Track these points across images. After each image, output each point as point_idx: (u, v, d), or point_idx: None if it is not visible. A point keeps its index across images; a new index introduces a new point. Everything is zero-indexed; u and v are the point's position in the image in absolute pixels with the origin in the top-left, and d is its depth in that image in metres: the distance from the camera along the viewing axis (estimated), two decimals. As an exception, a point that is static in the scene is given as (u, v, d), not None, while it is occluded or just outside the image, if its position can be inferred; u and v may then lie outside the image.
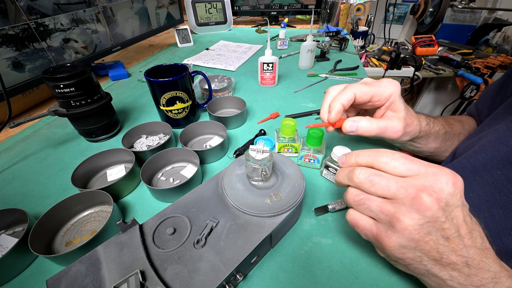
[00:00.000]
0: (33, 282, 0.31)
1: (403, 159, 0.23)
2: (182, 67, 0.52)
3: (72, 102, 0.45)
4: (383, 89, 0.31)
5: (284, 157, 0.37)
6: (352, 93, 0.31)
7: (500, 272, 0.22)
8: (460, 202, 0.21)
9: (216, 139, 0.51)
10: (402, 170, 0.22)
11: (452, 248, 0.21)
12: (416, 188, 0.21)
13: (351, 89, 0.31)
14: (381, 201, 0.23)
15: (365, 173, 0.23)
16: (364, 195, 0.23)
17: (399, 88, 0.32)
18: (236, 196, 0.31)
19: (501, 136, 0.32)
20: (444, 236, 0.21)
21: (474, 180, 0.34)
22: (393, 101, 0.32)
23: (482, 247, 0.22)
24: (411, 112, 0.35)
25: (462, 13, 1.42)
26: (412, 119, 0.34)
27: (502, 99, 0.41)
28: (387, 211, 0.22)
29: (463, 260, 0.21)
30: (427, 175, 0.21)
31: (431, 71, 1.32)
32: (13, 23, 0.52)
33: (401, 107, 0.32)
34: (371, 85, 0.32)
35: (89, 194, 0.37)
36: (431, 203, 0.20)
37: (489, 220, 0.31)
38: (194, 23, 1.19)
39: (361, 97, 0.31)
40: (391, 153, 0.23)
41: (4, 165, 0.48)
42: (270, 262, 0.31)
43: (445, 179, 0.21)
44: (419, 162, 0.22)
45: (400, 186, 0.21)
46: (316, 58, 0.88)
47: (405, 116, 0.33)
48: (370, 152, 0.25)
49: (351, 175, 0.24)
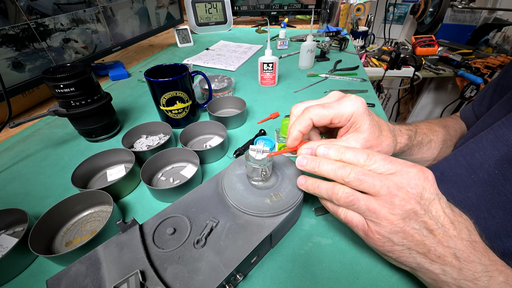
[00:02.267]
0: (33, 282, 0.31)
1: (382, 161, 0.25)
2: (182, 67, 0.52)
3: (72, 102, 0.45)
4: (343, 110, 0.29)
5: (284, 157, 0.37)
6: (309, 119, 0.29)
7: (490, 265, 0.22)
8: (435, 195, 0.23)
9: (216, 139, 0.51)
10: (383, 170, 0.24)
11: (438, 240, 0.23)
12: (396, 185, 0.23)
13: (308, 114, 0.29)
14: (367, 199, 0.24)
15: (355, 172, 0.24)
16: (354, 196, 0.25)
17: (362, 106, 0.29)
18: (236, 196, 0.31)
19: (499, 135, 0.32)
20: (427, 229, 0.23)
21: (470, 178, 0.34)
22: (354, 121, 0.29)
23: (470, 239, 0.23)
24: (384, 131, 0.32)
25: (462, 13, 1.42)
26: (380, 139, 0.31)
27: (499, 97, 0.40)
28: (373, 208, 0.24)
29: (451, 252, 0.22)
30: (402, 173, 0.24)
31: (431, 71, 1.32)
32: (13, 23, 0.52)
33: (364, 127, 0.29)
34: (329, 108, 0.29)
35: (89, 194, 0.37)
36: (409, 198, 0.23)
37: (489, 220, 0.31)
38: (194, 23, 1.19)
39: (319, 121, 0.29)
40: (373, 155, 0.25)
41: (4, 165, 0.48)
42: (270, 262, 0.31)
43: (417, 176, 0.23)
44: (396, 162, 0.24)
45: (383, 184, 0.23)
46: (316, 58, 0.88)
47: (368, 137, 0.30)
48: (355, 151, 0.26)
49: (342, 173, 0.25)
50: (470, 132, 0.40)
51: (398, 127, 0.37)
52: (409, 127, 0.39)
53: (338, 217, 0.28)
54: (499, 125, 0.32)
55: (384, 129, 0.33)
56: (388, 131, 0.33)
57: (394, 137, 0.34)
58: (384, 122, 0.34)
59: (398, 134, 0.36)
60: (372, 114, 0.31)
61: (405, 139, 0.36)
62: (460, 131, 0.47)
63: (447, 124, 0.46)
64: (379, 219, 0.24)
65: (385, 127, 0.33)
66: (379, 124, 0.32)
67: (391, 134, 0.33)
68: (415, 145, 0.39)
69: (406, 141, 0.36)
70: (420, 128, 0.41)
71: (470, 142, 0.36)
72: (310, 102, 0.32)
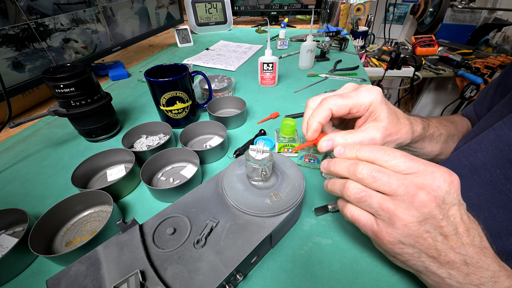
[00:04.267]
0: (33, 282, 0.31)
1: (403, 158, 0.23)
2: (182, 67, 0.52)
3: (72, 102, 0.45)
4: (361, 99, 0.29)
5: (284, 157, 0.37)
6: (328, 109, 0.29)
7: (499, 271, 0.22)
8: (457, 201, 0.22)
9: (216, 139, 0.51)
10: (403, 168, 0.23)
11: (450, 246, 0.22)
12: (415, 185, 0.22)
13: (326, 104, 0.29)
14: (381, 198, 0.23)
15: (368, 168, 0.23)
16: (366, 192, 0.24)
17: (380, 95, 0.29)
18: (236, 196, 0.31)
19: (501, 135, 0.32)
20: (442, 234, 0.22)
21: (472, 179, 0.34)
22: (373, 111, 0.29)
23: (480, 245, 0.22)
24: (401, 118, 0.32)
25: (462, 13, 1.42)
26: (399, 126, 0.31)
27: (501, 97, 0.40)
28: (387, 208, 0.23)
29: (462, 258, 0.22)
30: (425, 173, 0.22)
31: (431, 71, 1.32)
32: (13, 23, 0.52)
33: (383, 115, 0.29)
34: (347, 97, 0.29)
35: (89, 194, 0.37)
36: (429, 201, 0.21)
37: (490, 220, 0.31)
38: (194, 23, 1.19)
39: (338, 111, 0.29)
40: (392, 151, 0.24)
41: (4, 165, 0.48)
42: (270, 262, 0.31)
43: (442, 178, 0.22)
44: (419, 161, 0.23)
45: (401, 183, 0.22)
46: (316, 58, 0.88)
47: (387, 125, 0.30)
48: (371, 148, 0.25)
49: (353, 169, 0.24)
50: (472, 133, 0.41)
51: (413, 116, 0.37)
52: (422, 118, 0.39)
53: (345, 215, 0.27)
54: (500, 125, 0.32)
55: (401, 116, 0.33)
56: (405, 118, 0.33)
57: (411, 124, 0.34)
58: (400, 111, 0.34)
59: (413, 123, 0.35)
60: (388, 103, 0.31)
61: (420, 128, 0.36)
62: (466, 127, 0.47)
63: (454, 120, 0.47)
64: (392, 219, 0.22)
65: (401, 115, 0.33)
66: (395, 112, 0.32)
67: (408, 121, 0.33)
68: (427, 137, 0.39)
69: (421, 131, 0.36)
70: (431, 121, 0.41)
71: (472, 142, 0.36)
72: (326, 94, 0.31)
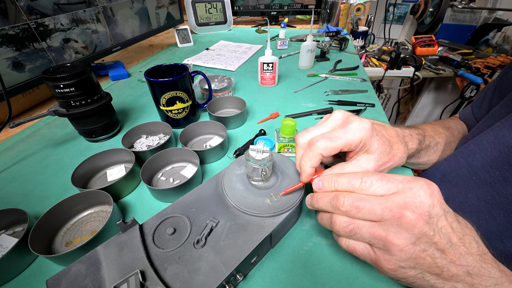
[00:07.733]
0: (33, 282, 0.31)
1: (380, 181, 0.23)
2: (182, 67, 0.52)
3: (72, 102, 0.45)
4: (350, 138, 0.28)
5: (284, 157, 0.37)
6: (318, 154, 0.28)
7: (501, 277, 0.22)
8: (442, 211, 0.22)
9: (216, 139, 0.51)
10: (383, 192, 0.23)
11: (450, 260, 0.21)
12: (399, 206, 0.21)
13: (316, 150, 0.28)
14: (370, 226, 0.23)
15: (349, 199, 0.23)
16: (353, 225, 0.23)
17: (369, 129, 0.28)
18: (236, 196, 0.31)
19: (500, 136, 0.32)
20: (438, 249, 0.21)
21: (471, 180, 0.34)
22: (364, 145, 0.29)
23: (478, 252, 0.22)
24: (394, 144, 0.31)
25: (462, 13, 1.42)
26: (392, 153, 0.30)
27: (499, 99, 0.40)
28: (379, 235, 0.22)
29: (464, 270, 0.21)
30: (405, 190, 0.22)
31: (431, 71, 1.32)
32: (13, 23, 0.52)
33: (374, 147, 0.29)
34: (336, 139, 0.28)
35: (89, 194, 0.37)
36: (416, 220, 0.21)
37: (490, 222, 0.30)
38: (194, 23, 1.19)
39: (329, 154, 0.28)
40: (367, 177, 0.23)
41: (4, 165, 0.48)
42: (270, 262, 0.31)
43: (422, 192, 0.21)
44: (395, 180, 0.23)
45: (384, 207, 0.22)
46: (316, 58, 0.88)
47: (379, 156, 0.29)
48: (348, 177, 0.24)
49: (335, 203, 0.24)
50: (470, 134, 0.40)
51: (408, 131, 0.36)
52: (418, 131, 0.38)
53: (341, 246, 0.26)
54: (499, 126, 0.32)
55: (395, 142, 0.32)
56: (399, 143, 0.32)
57: (405, 146, 0.33)
58: (394, 133, 0.33)
59: (409, 140, 0.35)
60: (380, 132, 0.30)
61: (416, 144, 0.36)
62: (462, 132, 0.47)
63: (449, 126, 0.46)
64: (387, 246, 0.22)
65: (395, 140, 0.32)
66: (388, 139, 0.31)
67: (402, 144, 0.32)
68: (423, 149, 0.39)
69: (416, 146, 0.36)
70: (427, 131, 0.40)
71: (470, 143, 0.36)
72: (314, 130, 0.30)
